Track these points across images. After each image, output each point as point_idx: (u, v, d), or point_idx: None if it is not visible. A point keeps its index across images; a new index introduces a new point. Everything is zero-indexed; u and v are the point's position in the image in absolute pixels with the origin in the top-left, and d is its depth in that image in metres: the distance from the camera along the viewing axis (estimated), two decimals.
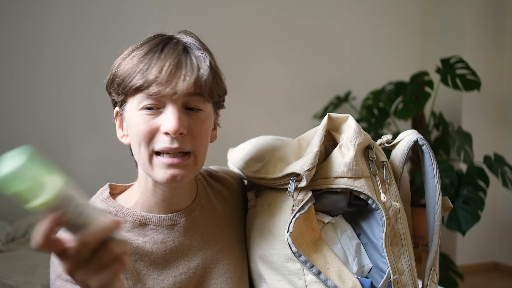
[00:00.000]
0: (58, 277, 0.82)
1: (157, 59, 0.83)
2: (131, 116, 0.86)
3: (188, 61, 0.84)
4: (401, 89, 3.16)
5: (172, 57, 0.83)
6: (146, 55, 0.85)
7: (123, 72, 0.85)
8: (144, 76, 0.82)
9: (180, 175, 0.85)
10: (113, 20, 3.00)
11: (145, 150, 0.85)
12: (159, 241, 0.90)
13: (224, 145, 1.33)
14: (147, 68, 0.83)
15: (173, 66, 0.82)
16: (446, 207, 0.91)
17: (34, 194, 0.53)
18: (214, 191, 1.04)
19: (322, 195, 0.88)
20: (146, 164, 0.86)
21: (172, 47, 0.86)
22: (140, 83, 0.82)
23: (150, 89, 0.82)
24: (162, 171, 0.84)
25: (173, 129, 0.81)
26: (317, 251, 0.85)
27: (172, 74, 0.82)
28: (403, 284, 0.85)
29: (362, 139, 0.88)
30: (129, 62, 0.86)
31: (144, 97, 0.83)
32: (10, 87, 2.81)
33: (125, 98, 0.87)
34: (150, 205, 0.92)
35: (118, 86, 0.86)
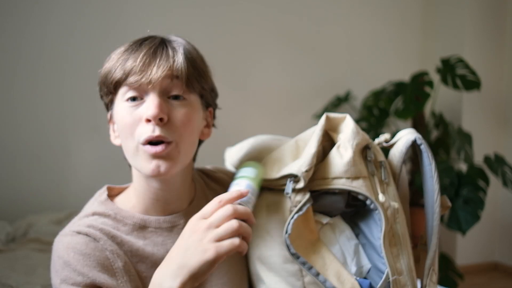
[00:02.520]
0: (63, 281, 0.81)
1: (134, 52, 0.86)
2: (117, 111, 0.88)
3: (164, 51, 0.86)
4: (401, 89, 3.15)
5: (147, 48, 0.86)
6: (126, 51, 0.88)
7: (105, 70, 0.88)
8: (122, 69, 0.85)
9: (164, 166, 0.85)
10: (113, 20, 3.00)
11: (131, 142, 0.86)
12: (159, 243, 0.90)
13: (224, 145, 1.33)
14: (124, 62, 0.85)
15: (148, 56, 0.85)
16: (445, 206, 0.91)
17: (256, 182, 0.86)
18: (212, 191, 1.03)
19: (320, 196, 0.88)
20: (133, 157, 0.87)
21: (150, 41, 0.89)
22: (119, 76, 0.85)
23: (129, 79, 0.84)
24: (146, 163, 0.85)
25: (152, 113, 0.82)
26: (315, 252, 0.84)
27: (147, 63, 0.84)
28: (402, 284, 0.85)
29: (360, 139, 0.88)
30: (111, 61, 0.88)
31: (127, 89, 0.86)
32: (10, 87, 2.81)
33: (112, 98, 0.89)
34: (147, 207, 0.92)
35: (103, 84, 0.89)
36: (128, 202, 0.93)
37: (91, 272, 0.81)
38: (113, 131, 0.94)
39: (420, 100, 3.04)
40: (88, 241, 0.84)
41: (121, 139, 0.89)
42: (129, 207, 0.92)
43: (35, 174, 2.86)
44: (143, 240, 0.89)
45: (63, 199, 2.89)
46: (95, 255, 0.83)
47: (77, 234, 0.85)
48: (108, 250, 0.84)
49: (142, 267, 0.88)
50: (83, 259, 0.82)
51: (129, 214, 0.91)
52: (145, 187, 0.92)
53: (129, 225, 0.90)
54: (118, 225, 0.89)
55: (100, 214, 0.90)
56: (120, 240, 0.87)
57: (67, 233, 0.86)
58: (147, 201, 0.92)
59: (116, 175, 1.74)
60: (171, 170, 0.86)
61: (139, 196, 0.92)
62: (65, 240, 0.85)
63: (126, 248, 0.87)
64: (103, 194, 0.94)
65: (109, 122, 0.94)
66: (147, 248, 0.89)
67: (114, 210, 0.91)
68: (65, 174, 2.92)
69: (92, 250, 0.83)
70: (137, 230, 0.90)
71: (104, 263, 0.83)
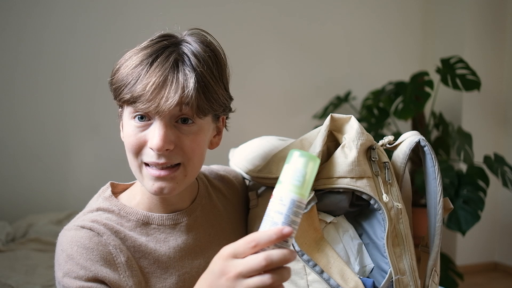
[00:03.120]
0: (66, 275, 0.82)
1: (144, 74, 0.82)
2: (125, 123, 0.88)
3: (174, 79, 0.81)
4: (401, 89, 3.16)
5: (157, 75, 0.81)
6: (138, 66, 0.83)
7: (117, 80, 0.85)
8: (131, 92, 0.82)
9: (168, 188, 0.85)
10: (113, 20, 3.00)
11: (134, 161, 0.87)
12: (161, 239, 0.91)
13: (224, 145, 1.33)
14: (134, 83, 0.82)
15: (157, 85, 0.80)
16: (447, 208, 0.91)
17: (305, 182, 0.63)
18: (216, 190, 1.04)
19: (324, 195, 0.88)
20: (137, 174, 0.88)
21: (162, 61, 0.83)
22: (127, 97, 0.83)
23: (136, 104, 0.82)
24: (150, 182, 0.86)
25: (157, 146, 0.81)
26: (319, 250, 0.85)
27: (155, 93, 0.80)
28: (404, 284, 0.85)
29: (364, 139, 0.88)
30: (124, 69, 0.85)
31: (134, 110, 0.84)
32: (10, 87, 2.81)
33: (121, 104, 0.88)
34: (151, 205, 0.93)
35: (115, 91, 0.87)
36: (132, 199, 0.94)
37: (94, 266, 0.82)
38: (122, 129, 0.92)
39: (420, 100, 3.04)
40: (92, 236, 0.84)
41: (126, 151, 0.88)
42: (133, 204, 0.93)
43: (35, 174, 2.86)
44: (146, 237, 0.90)
45: (63, 199, 2.89)
46: (98, 249, 0.83)
47: (81, 229, 0.85)
48: (111, 245, 0.85)
49: (144, 262, 0.88)
50: (86, 253, 0.82)
51: (133, 211, 0.92)
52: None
53: (132, 221, 0.91)
54: (122, 221, 0.90)
55: (105, 209, 0.91)
56: (123, 236, 0.88)
57: (71, 227, 0.87)
58: (152, 199, 0.93)
59: (116, 175, 1.74)
60: (175, 191, 0.87)
61: (144, 194, 0.93)
62: (69, 234, 0.86)
63: (129, 244, 0.88)
64: (107, 190, 0.95)
65: (119, 118, 0.93)
66: (150, 244, 0.89)
67: (118, 206, 0.92)
68: (65, 174, 2.92)
69: (95, 244, 0.84)
70: (140, 227, 0.91)
71: (107, 257, 0.84)
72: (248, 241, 0.61)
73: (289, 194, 0.62)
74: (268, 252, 0.60)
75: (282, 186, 0.63)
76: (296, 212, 0.62)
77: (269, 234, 0.61)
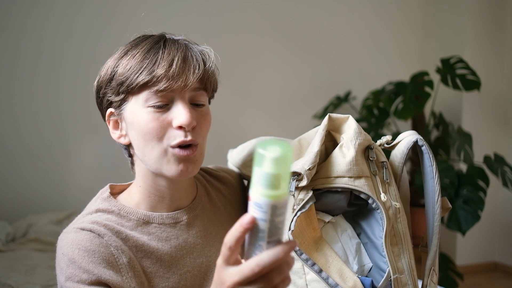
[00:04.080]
0: (68, 279, 0.81)
1: (162, 54, 0.85)
2: (135, 114, 0.87)
3: (194, 55, 0.87)
4: (401, 89, 3.16)
5: (178, 52, 0.85)
6: (149, 52, 0.86)
7: (125, 70, 0.85)
8: (152, 72, 0.83)
9: (191, 168, 0.87)
10: (114, 20, 3.00)
11: (158, 146, 0.86)
12: (163, 238, 0.91)
13: (224, 145, 1.33)
14: (153, 64, 0.84)
15: (181, 60, 0.84)
16: (445, 208, 0.91)
17: (280, 183, 0.57)
18: (215, 189, 1.04)
19: (322, 195, 0.88)
20: (159, 160, 0.87)
21: (174, 43, 0.87)
22: (147, 79, 0.83)
23: (160, 84, 0.83)
24: (175, 165, 0.86)
25: (187, 122, 0.84)
26: (318, 249, 0.85)
27: (181, 68, 0.84)
28: (403, 283, 0.85)
29: (362, 139, 0.88)
30: (130, 60, 0.86)
31: (151, 94, 0.84)
32: (10, 87, 2.81)
33: (125, 97, 0.87)
34: (152, 204, 0.93)
35: (120, 85, 0.86)
36: (131, 199, 0.94)
37: (97, 268, 0.81)
38: (116, 129, 0.93)
39: (420, 100, 3.04)
40: (93, 237, 0.84)
41: (139, 142, 0.88)
42: (132, 204, 0.93)
43: (35, 174, 2.86)
44: (147, 236, 0.90)
45: (63, 199, 2.89)
46: (100, 251, 0.83)
47: (81, 231, 0.85)
48: (113, 246, 0.84)
49: (147, 262, 0.88)
50: (88, 255, 0.82)
51: (132, 210, 0.91)
52: (151, 185, 0.92)
53: (133, 220, 0.90)
54: (122, 221, 0.90)
55: (104, 210, 0.90)
56: (124, 236, 0.87)
57: (71, 230, 0.86)
58: (152, 198, 0.92)
59: (116, 175, 1.75)
60: (196, 171, 0.89)
61: (143, 194, 0.93)
62: (70, 237, 0.85)
63: (130, 244, 0.87)
64: (106, 191, 0.95)
65: (107, 120, 0.93)
66: (152, 243, 0.89)
67: (117, 206, 0.91)
68: (65, 174, 2.92)
69: (96, 246, 0.83)
70: (141, 226, 0.90)
71: (109, 259, 0.83)
72: (224, 243, 0.61)
73: (262, 199, 0.58)
74: (258, 257, 0.59)
75: (254, 190, 0.58)
76: (274, 213, 0.58)
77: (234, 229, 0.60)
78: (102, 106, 0.93)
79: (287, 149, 0.56)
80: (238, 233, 0.60)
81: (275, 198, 0.57)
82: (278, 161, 0.56)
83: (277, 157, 0.56)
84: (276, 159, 0.56)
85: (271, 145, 0.57)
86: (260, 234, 0.59)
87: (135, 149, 0.90)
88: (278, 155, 0.56)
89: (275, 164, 0.56)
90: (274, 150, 0.56)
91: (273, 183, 0.56)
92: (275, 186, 0.57)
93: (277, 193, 0.57)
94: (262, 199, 0.57)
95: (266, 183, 0.56)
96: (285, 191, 0.58)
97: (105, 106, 0.92)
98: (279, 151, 0.56)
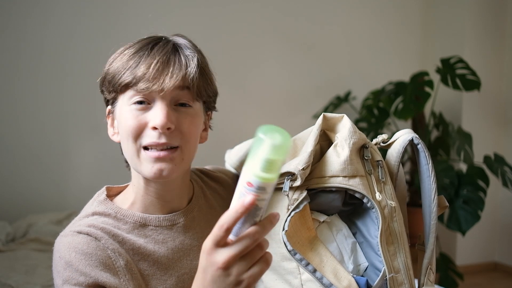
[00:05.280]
0: (66, 282, 0.81)
1: (146, 57, 0.85)
2: (121, 112, 0.88)
3: (177, 59, 0.86)
4: (401, 89, 3.16)
5: (160, 55, 0.85)
6: (136, 53, 0.87)
7: (113, 69, 0.87)
8: (133, 73, 0.84)
9: (167, 169, 0.86)
10: (114, 20, 3.01)
11: (133, 145, 0.86)
12: (160, 240, 0.91)
13: (223, 145, 1.34)
14: (136, 65, 0.85)
15: (161, 63, 0.84)
16: (442, 206, 0.91)
17: (273, 168, 0.61)
18: (211, 190, 1.04)
19: (317, 194, 0.88)
20: (134, 159, 0.87)
21: (162, 46, 0.88)
22: (128, 80, 0.84)
23: (139, 85, 0.83)
24: (149, 165, 0.86)
25: (161, 123, 0.83)
26: (312, 249, 0.85)
27: (159, 71, 0.84)
28: (399, 282, 0.85)
29: (357, 138, 0.88)
30: (119, 60, 0.88)
31: (134, 93, 0.85)
32: (10, 87, 2.82)
33: (116, 96, 0.89)
34: (146, 205, 0.93)
35: (109, 83, 0.88)
36: (127, 201, 0.93)
37: (93, 271, 0.81)
38: (111, 126, 0.94)
39: (420, 100, 3.04)
40: (90, 241, 0.84)
41: (122, 139, 0.89)
42: (128, 206, 0.93)
43: (35, 174, 2.86)
44: (144, 238, 0.90)
45: (63, 199, 2.89)
46: (96, 254, 0.83)
47: (78, 234, 0.85)
48: (110, 249, 0.84)
49: (143, 265, 0.88)
50: (85, 258, 0.82)
51: (129, 213, 0.91)
52: (144, 187, 0.92)
53: (129, 223, 0.90)
54: (119, 223, 0.90)
55: (100, 213, 0.90)
56: (121, 239, 0.87)
57: (67, 233, 0.86)
58: (146, 200, 0.92)
59: (116, 175, 1.75)
60: (173, 173, 0.87)
61: (138, 195, 0.93)
62: (66, 240, 0.85)
63: (127, 247, 0.87)
64: (102, 194, 0.95)
65: (107, 116, 0.95)
66: (149, 246, 0.89)
67: (114, 209, 0.91)
68: (65, 174, 2.93)
69: (93, 249, 0.83)
70: (138, 229, 0.90)
71: (106, 262, 0.83)
72: (220, 225, 0.63)
73: (253, 179, 0.61)
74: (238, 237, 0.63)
75: (246, 169, 0.62)
76: (261, 193, 0.62)
77: (234, 211, 0.62)
78: (104, 102, 0.95)
79: (286, 138, 0.61)
80: (238, 214, 0.62)
81: (267, 180, 0.61)
82: (277, 148, 0.60)
83: (277, 144, 0.60)
84: (276, 146, 0.60)
85: (272, 132, 0.61)
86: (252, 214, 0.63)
87: (122, 148, 0.91)
88: (278, 142, 0.60)
89: (274, 150, 0.60)
90: (275, 137, 0.60)
91: (270, 167, 0.60)
92: (271, 170, 0.61)
93: (271, 176, 0.61)
94: (256, 180, 0.61)
95: (263, 166, 0.60)
96: (277, 174, 0.62)
97: (105, 103, 0.94)
98: (279, 139, 0.60)
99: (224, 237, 0.63)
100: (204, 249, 0.65)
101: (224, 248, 0.64)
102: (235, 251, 0.63)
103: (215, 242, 0.63)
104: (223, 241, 0.63)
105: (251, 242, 0.63)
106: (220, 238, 0.63)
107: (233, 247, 0.63)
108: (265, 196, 0.63)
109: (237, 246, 0.63)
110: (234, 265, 0.63)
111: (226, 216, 0.62)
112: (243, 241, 0.63)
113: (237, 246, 0.63)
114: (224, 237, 0.63)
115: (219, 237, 0.63)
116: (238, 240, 0.63)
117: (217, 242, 0.63)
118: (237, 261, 0.63)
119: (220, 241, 0.63)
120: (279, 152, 0.60)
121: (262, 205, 0.63)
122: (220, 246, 0.64)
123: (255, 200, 0.62)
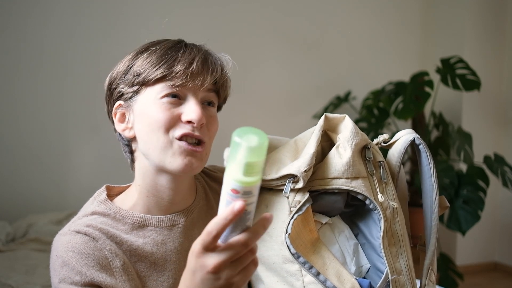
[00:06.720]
0: (62, 281, 0.82)
1: (183, 53, 0.88)
2: (146, 106, 0.88)
3: (213, 60, 0.90)
4: (401, 89, 3.16)
5: (199, 53, 0.88)
6: (170, 49, 0.89)
7: (143, 63, 0.88)
8: (171, 67, 0.86)
9: (195, 164, 0.87)
10: (114, 21, 3.00)
11: (164, 136, 0.86)
12: (159, 242, 0.90)
13: (224, 145, 1.33)
14: (173, 60, 0.87)
15: (202, 61, 0.87)
16: (443, 206, 0.91)
17: (254, 170, 0.59)
18: (212, 191, 1.04)
19: (319, 196, 0.87)
20: (163, 152, 0.87)
21: (195, 46, 0.91)
22: (166, 73, 0.86)
23: (176, 80, 0.85)
24: (180, 158, 0.86)
25: (197, 118, 0.85)
26: (315, 252, 0.84)
27: (201, 67, 0.87)
28: (401, 284, 0.85)
29: (359, 139, 0.88)
30: (149, 55, 0.88)
31: (166, 87, 0.86)
32: (10, 87, 2.82)
33: (139, 89, 0.88)
34: (150, 206, 0.92)
35: (136, 76, 0.88)
36: (128, 201, 0.93)
37: (90, 271, 0.81)
38: (123, 121, 0.92)
39: (420, 100, 3.04)
40: (87, 241, 0.84)
41: (145, 133, 0.88)
42: (129, 206, 0.92)
43: (35, 174, 2.86)
44: (142, 239, 0.89)
45: (63, 199, 2.89)
46: (93, 254, 0.83)
47: (76, 234, 0.85)
48: (107, 249, 0.84)
49: (141, 266, 0.88)
50: (81, 258, 0.82)
51: (128, 213, 0.91)
52: (150, 184, 0.91)
53: (128, 224, 0.90)
54: (118, 224, 0.89)
55: (100, 213, 0.90)
56: (119, 240, 0.87)
57: (66, 232, 0.86)
58: (151, 199, 0.92)
59: (116, 175, 1.75)
60: (199, 168, 0.89)
61: (141, 193, 0.92)
62: (64, 239, 0.85)
63: (125, 248, 0.87)
64: (102, 193, 0.94)
65: (113, 113, 0.93)
66: (147, 247, 0.89)
67: (113, 209, 0.91)
68: (65, 174, 2.93)
69: (90, 249, 0.83)
70: (137, 229, 0.90)
71: (103, 262, 0.83)
72: (208, 232, 0.62)
73: (237, 185, 0.60)
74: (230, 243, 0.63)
75: (228, 175, 0.61)
76: (248, 197, 0.61)
77: (223, 217, 0.61)
78: (111, 98, 0.93)
79: (263, 138, 0.59)
80: (227, 221, 0.61)
81: (251, 184, 0.60)
82: (255, 150, 0.58)
83: (254, 146, 0.58)
84: (253, 148, 0.58)
85: (247, 134, 0.59)
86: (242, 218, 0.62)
87: (139, 142, 0.90)
88: (255, 144, 0.58)
89: (252, 152, 0.58)
90: (251, 138, 0.59)
91: (251, 170, 0.59)
92: (253, 173, 0.59)
93: (254, 179, 0.60)
94: (240, 186, 0.60)
95: (244, 171, 0.59)
96: (260, 177, 0.61)
97: (115, 98, 0.92)
98: (256, 140, 0.59)
99: (213, 243, 0.63)
100: (193, 252, 0.65)
101: (214, 252, 0.63)
102: (226, 257, 0.63)
103: (204, 247, 0.63)
104: (211, 246, 0.63)
105: (243, 249, 0.63)
106: (208, 243, 0.63)
107: (224, 253, 0.63)
108: (253, 199, 0.61)
109: (228, 252, 0.63)
110: (225, 269, 0.63)
111: (214, 223, 0.62)
112: (235, 248, 0.62)
113: (228, 252, 0.63)
114: (212, 243, 0.63)
115: (207, 243, 0.63)
116: (230, 246, 0.63)
117: (206, 247, 0.63)
118: (227, 265, 0.64)
119: (208, 247, 0.63)
120: (257, 154, 0.59)
121: (251, 208, 0.62)
122: (209, 251, 0.64)
123: (244, 206, 0.60)
